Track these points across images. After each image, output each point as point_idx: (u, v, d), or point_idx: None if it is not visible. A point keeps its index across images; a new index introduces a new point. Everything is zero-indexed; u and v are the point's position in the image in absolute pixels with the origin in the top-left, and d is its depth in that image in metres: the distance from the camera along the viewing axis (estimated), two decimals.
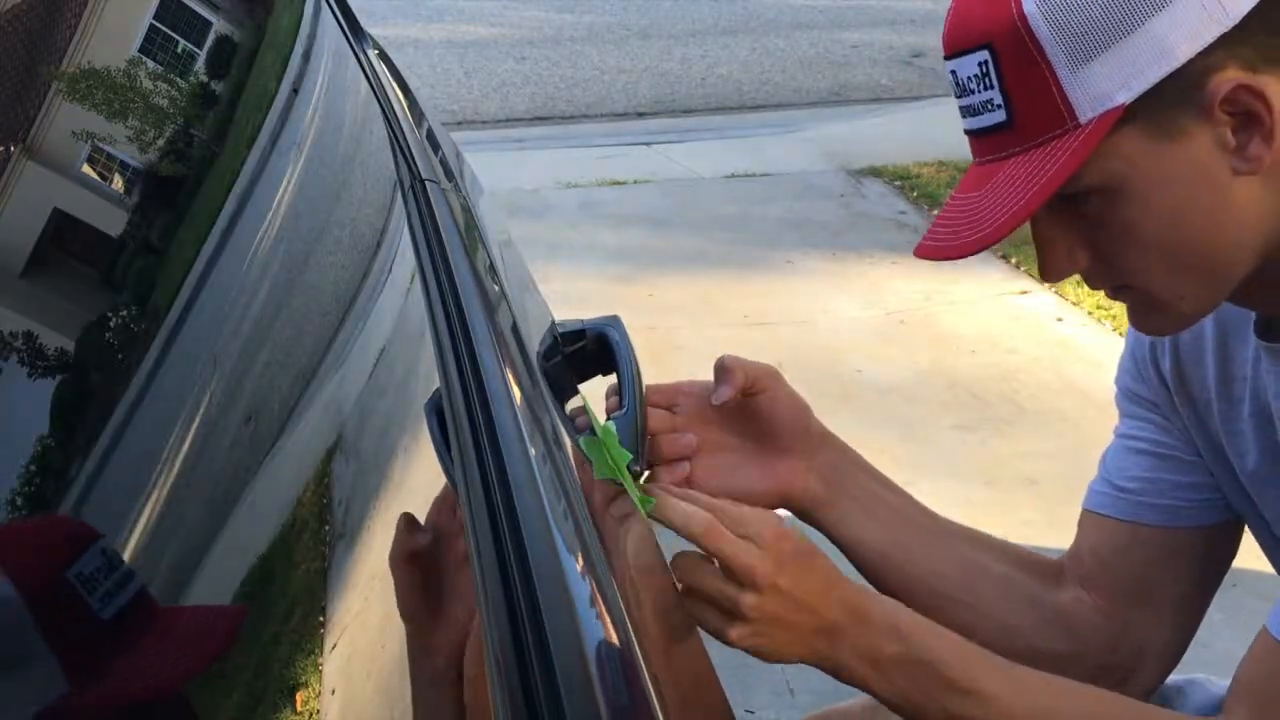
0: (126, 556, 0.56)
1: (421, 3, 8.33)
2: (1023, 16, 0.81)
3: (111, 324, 0.69)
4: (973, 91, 0.85)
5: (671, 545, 1.06)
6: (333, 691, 0.61)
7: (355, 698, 0.63)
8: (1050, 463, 2.98)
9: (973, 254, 0.85)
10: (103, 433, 0.60)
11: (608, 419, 0.94)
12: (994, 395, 3.22)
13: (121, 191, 0.82)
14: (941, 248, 0.87)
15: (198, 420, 0.67)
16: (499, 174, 4.62)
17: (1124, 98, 0.80)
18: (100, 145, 0.82)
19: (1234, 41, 0.79)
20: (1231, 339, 0.99)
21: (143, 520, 0.59)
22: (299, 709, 0.59)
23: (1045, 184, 0.82)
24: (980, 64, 0.84)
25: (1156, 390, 1.08)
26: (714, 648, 0.97)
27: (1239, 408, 0.99)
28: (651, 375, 1.00)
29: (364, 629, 0.68)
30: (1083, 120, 0.81)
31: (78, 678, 0.44)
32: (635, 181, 5.08)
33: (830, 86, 6.98)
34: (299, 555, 0.68)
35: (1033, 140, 0.83)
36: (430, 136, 1.53)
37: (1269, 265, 0.87)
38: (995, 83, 0.83)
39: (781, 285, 4.05)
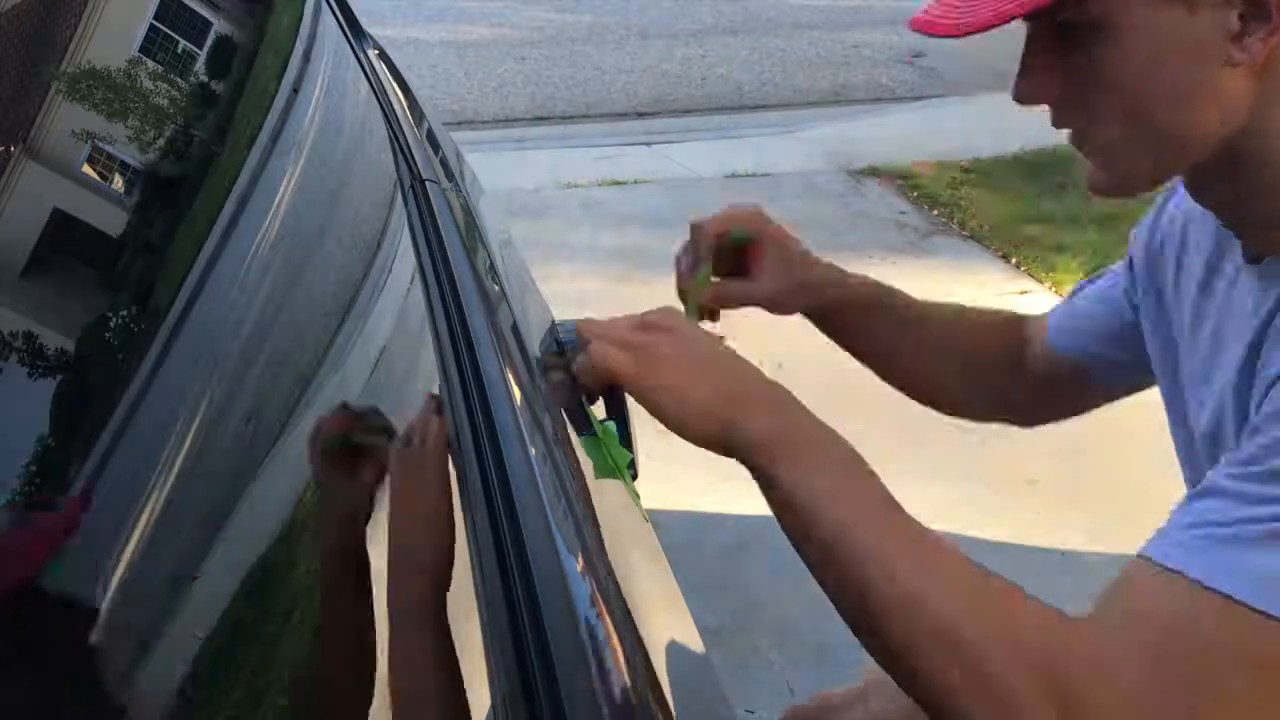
0: (126, 556, 0.56)
1: (421, 3, 8.33)
2: None
3: (111, 324, 0.69)
4: None
5: (672, 545, 1.06)
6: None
7: (355, 698, 0.63)
8: (1050, 463, 2.98)
9: (952, 36, 0.83)
10: (103, 433, 0.60)
11: (605, 420, 0.94)
12: None
13: (121, 191, 0.82)
14: (933, 22, 0.85)
15: (198, 420, 0.67)
16: (499, 174, 4.62)
17: None
18: (100, 145, 0.82)
19: None
20: (1226, 249, 0.98)
21: (143, 520, 0.58)
22: (299, 709, 0.59)
23: None
24: None
25: (1144, 263, 1.09)
26: (714, 647, 0.97)
27: (1205, 314, 0.99)
28: None
29: (364, 629, 0.68)
30: None
31: None
32: (635, 181, 5.08)
33: (830, 86, 6.98)
34: (299, 555, 0.68)
35: None
36: (430, 136, 1.53)
37: (1236, 167, 0.86)
38: None
39: None
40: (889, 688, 1.21)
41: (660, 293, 1.04)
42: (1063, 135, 0.91)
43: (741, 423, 0.85)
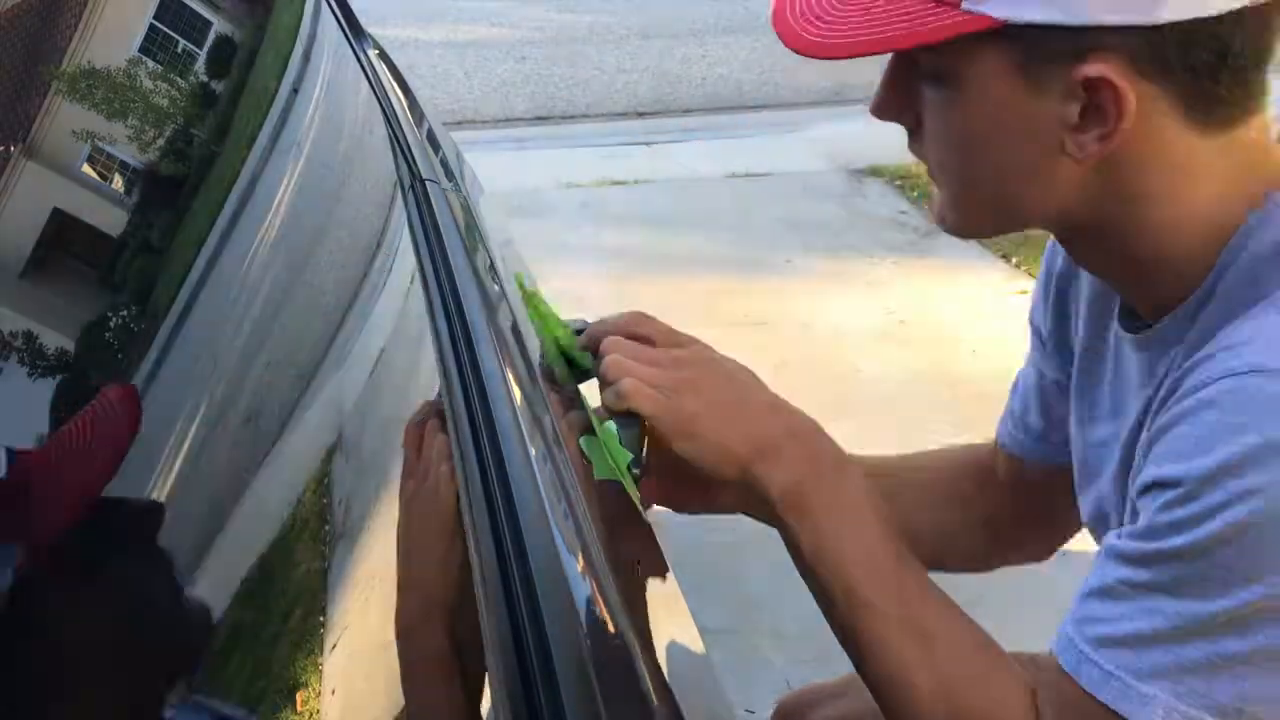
0: (125, 556, 0.56)
1: (421, 3, 8.33)
2: None
3: (111, 324, 0.69)
4: None
5: (672, 545, 1.06)
6: (333, 691, 0.61)
7: (355, 698, 0.63)
8: None
9: (799, 53, 0.82)
10: None
11: (608, 419, 0.94)
12: (994, 395, 3.20)
13: (121, 191, 0.82)
14: (793, 32, 0.82)
15: (198, 420, 0.67)
16: (499, 174, 4.62)
17: (1010, 15, 0.75)
18: (100, 145, 0.82)
19: (1141, 38, 0.74)
20: (1104, 307, 0.96)
21: (143, 520, 0.58)
22: (299, 709, 0.59)
23: (880, 41, 0.79)
24: None
25: (1045, 323, 1.08)
26: (714, 647, 0.97)
27: (1098, 371, 0.98)
28: None
29: (364, 629, 0.68)
30: (961, 5, 0.76)
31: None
32: (635, 181, 5.08)
33: (830, 86, 6.98)
34: (299, 555, 0.68)
35: None
36: (430, 136, 1.54)
37: (1101, 237, 0.84)
38: None
39: (781, 285, 4.05)
40: None
41: (660, 293, 1.03)
42: None
43: (761, 476, 0.87)
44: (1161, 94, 0.76)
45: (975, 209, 0.87)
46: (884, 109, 0.87)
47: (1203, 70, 0.75)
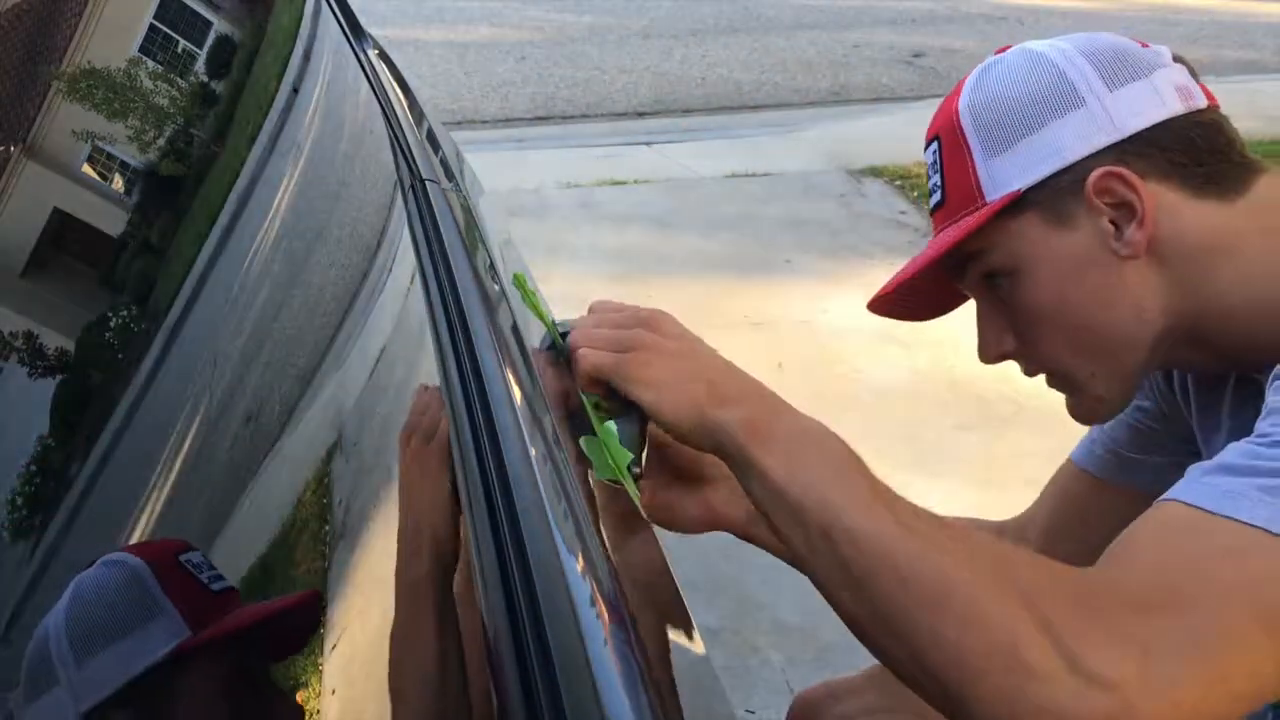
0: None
1: (421, 3, 8.33)
2: (957, 112, 0.99)
3: (111, 324, 0.69)
4: (929, 177, 1.02)
5: (672, 545, 1.06)
6: (333, 691, 0.61)
7: (355, 698, 0.63)
8: (1050, 462, 2.97)
9: (877, 305, 1.06)
10: (103, 433, 0.60)
11: (608, 420, 0.94)
12: (994, 395, 3.21)
13: (121, 191, 0.82)
14: (882, 296, 1.06)
15: (198, 420, 0.67)
16: (499, 174, 4.62)
17: (1020, 185, 0.93)
18: (100, 145, 0.82)
19: (1124, 151, 0.91)
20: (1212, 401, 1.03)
21: (143, 520, 0.59)
22: (299, 709, 0.59)
23: (939, 246, 0.96)
24: (933, 153, 1.01)
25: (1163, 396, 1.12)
26: (715, 647, 0.96)
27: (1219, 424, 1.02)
28: None
29: (364, 629, 0.68)
30: (985, 199, 0.95)
31: (193, 624, 0.55)
32: (635, 181, 5.08)
33: (830, 86, 6.98)
34: (299, 555, 0.68)
35: (955, 217, 0.97)
36: (430, 136, 1.53)
37: (1202, 343, 0.94)
38: (939, 169, 1.00)
39: (781, 285, 4.05)
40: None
41: (660, 293, 1.03)
42: None
43: (724, 411, 0.83)
44: (1164, 185, 0.91)
45: (1090, 377, 0.98)
46: (990, 346, 1.01)
47: (1182, 160, 0.92)
